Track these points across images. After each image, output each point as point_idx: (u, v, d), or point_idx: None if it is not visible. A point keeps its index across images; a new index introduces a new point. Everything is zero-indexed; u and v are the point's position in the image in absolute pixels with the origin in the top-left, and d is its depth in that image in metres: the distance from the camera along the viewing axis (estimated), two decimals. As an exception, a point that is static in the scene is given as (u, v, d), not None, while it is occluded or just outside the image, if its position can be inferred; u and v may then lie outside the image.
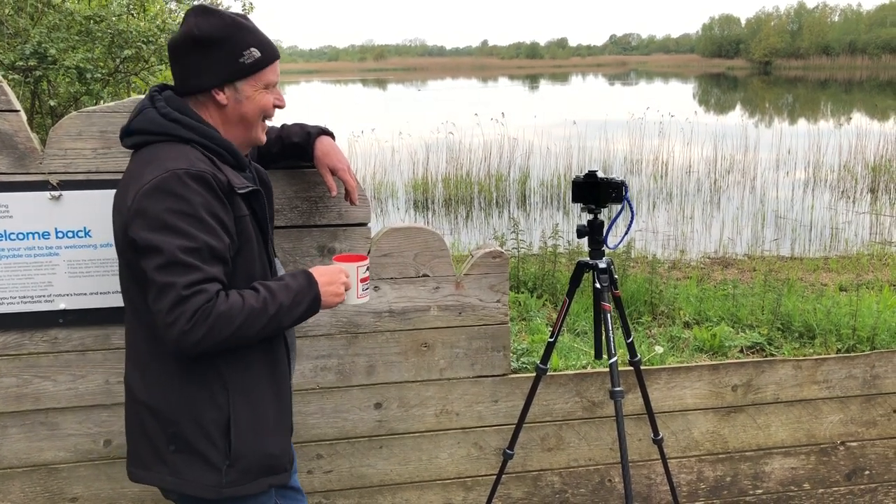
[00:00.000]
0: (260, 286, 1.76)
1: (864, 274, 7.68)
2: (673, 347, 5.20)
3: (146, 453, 1.87)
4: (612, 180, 2.50)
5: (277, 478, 1.95)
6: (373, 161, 14.07)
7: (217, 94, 1.83)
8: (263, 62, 1.86)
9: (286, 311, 1.76)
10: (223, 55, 1.81)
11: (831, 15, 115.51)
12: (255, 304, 1.71)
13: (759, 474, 3.01)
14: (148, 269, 1.67)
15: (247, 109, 1.87)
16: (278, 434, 1.95)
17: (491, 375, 2.74)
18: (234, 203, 1.79)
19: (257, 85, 1.86)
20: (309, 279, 1.83)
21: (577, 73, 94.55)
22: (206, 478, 1.83)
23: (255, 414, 1.88)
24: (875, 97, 36.03)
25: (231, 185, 1.78)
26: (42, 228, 2.32)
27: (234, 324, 1.68)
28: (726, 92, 47.82)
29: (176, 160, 1.72)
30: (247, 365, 1.86)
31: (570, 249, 7.33)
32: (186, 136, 1.79)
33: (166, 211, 1.67)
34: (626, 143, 15.38)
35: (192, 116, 1.82)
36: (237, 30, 1.83)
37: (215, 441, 1.82)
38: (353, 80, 79.24)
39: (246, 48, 1.83)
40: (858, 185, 13.08)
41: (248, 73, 1.84)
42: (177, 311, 1.63)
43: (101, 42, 8.05)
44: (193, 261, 1.66)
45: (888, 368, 2.98)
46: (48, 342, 2.41)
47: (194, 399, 1.81)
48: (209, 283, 1.67)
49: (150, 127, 1.80)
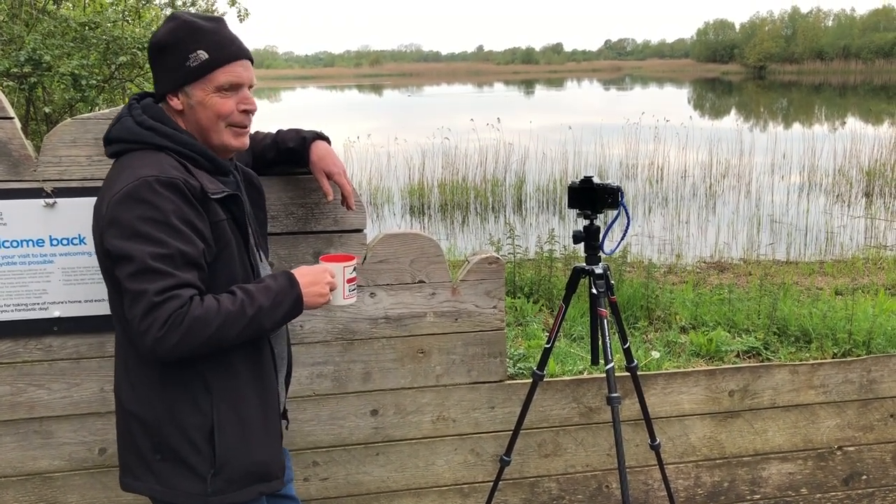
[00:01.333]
0: (238, 289, 1.74)
1: (860, 278, 7.70)
2: (669, 352, 5.20)
3: (135, 462, 1.87)
4: (607, 186, 2.50)
5: (268, 485, 1.92)
6: (369, 166, 14.07)
7: (171, 99, 1.83)
8: (212, 64, 1.79)
9: (266, 313, 1.74)
10: (172, 60, 1.80)
11: (825, 20, 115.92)
12: (232, 308, 1.69)
13: (756, 479, 3.00)
14: (121, 278, 1.67)
15: (200, 115, 1.82)
16: (266, 441, 1.92)
17: (487, 382, 2.73)
18: (209, 208, 1.77)
19: (207, 89, 1.80)
20: (290, 280, 1.80)
21: (573, 78, 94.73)
22: (192, 486, 1.82)
23: (240, 420, 1.85)
24: (869, 101, 36.16)
25: (204, 190, 1.76)
26: (36, 236, 2.31)
27: (210, 328, 1.66)
28: (721, 96, 47.95)
29: (147, 168, 1.71)
30: (231, 370, 1.84)
31: (566, 254, 7.34)
32: (160, 144, 1.78)
33: (137, 219, 1.66)
34: (622, 148, 15.42)
35: (167, 123, 1.81)
36: (187, 33, 1.79)
37: (200, 448, 1.81)
38: (349, 85, 79.30)
39: (193, 51, 1.78)
40: (853, 189, 13.12)
41: (195, 76, 1.79)
42: (149, 318, 1.62)
43: (96, 48, 8.05)
44: (165, 267, 1.64)
45: (884, 373, 2.98)
46: (42, 350, 2.40)
47: (177, 405, 1.80)
48: (182, 289, 1.65)
49: (126, 135, 1.80)
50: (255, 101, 1.91)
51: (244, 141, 1.91)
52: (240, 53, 1.83)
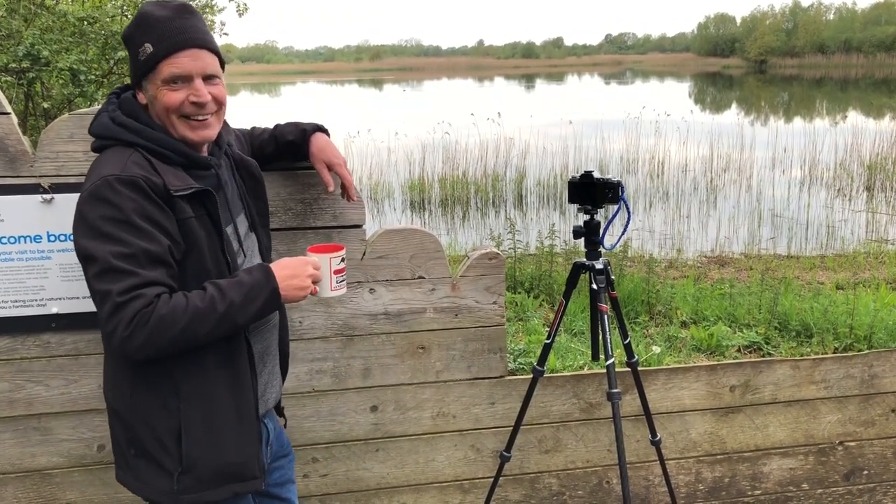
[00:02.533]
0: (209, 285, 1.71)
1: (861, 272, 7.68)
2: (670, 347, 5.18)
3: (118, 456, 1.90)
4: (608, 180, 2.49)
5: (244, 485, 1.88)
6: (369, 161, 14.05)
7: (138, 94, 1.82)
8: (156, 57, 1.73)
9: (238, 308, 1.69)
10: (130, 54, 1.79)
11: (826, 13, 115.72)
12: (201, 304, 1.65)
13: (757, 475, 2.99)
14: (87, 278, 1.66)
15: (157, 109, 1.79)
16: (240, 440, 1.87)
17: (488, 377, 2.72)
18: (175, 206, 1.73)
19: (157, 82, 1.75)
20: (266, 273, 1.75)
21: (573, 72, 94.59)
22: (162, 484, 1.82)
23: (209, 421, 1.82)
24: (870, 95, 36.10)
25: (167, 187, 1.71)
26: (34, 232, 2.29)
27: (178, 326, 1.63)
28: (722, 90, 47.88)
29: (111, 166, 1.70)
30: (201, 371, 1.80)
31: (566, 249, 7.32)
32: (130, 140, 1.76)
33: (99, 218, 1.65)
34: (623, 143, 15.39)
35: (140, 119, 1.79)
36: (139, 26, 1.75)
37: (168, 447, 1.80)
38: (349, 80, 79.20)
39: (141, 45, 1.74)
40: (854, 184, 13.10)
41: (144, 70, 1.76)
42: (115, 318, 1.61)
43: (94, 43, 8.02)
44: (128, 266, 1.62)
45: (886, 368, 2.97)
46: (40, 347, 2.39)
47: (145, 404, 1.80)
48: (147, 287, 1.63)
49: (101, 132, 1.80)
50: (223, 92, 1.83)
51: (203, 134, 1.82)
52: (186, 43, 1.74)
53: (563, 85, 60.12)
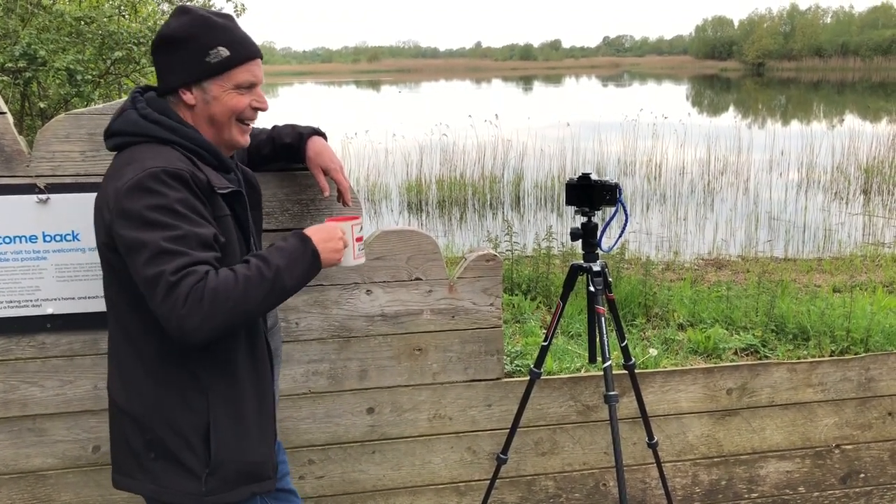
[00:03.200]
0: (250, 257, 1.72)
1: (858, 275, 7.69)
2: (667, 349, 5.18)
3: (128, 461, 1.85)
4: (605, 183, 2.49)
5: (260, 485, 1.91)
6: (366, 163, 14.04)
7: (184, 93, 1.82)
8: (233, 61, 1.80)
9: (285, 272, 1.70)
10: (188, 54, 1.79)
11: (823, 17, 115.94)
12: (249, 273, 1.66)
13: (754, 478, 2.99)
14: (137, 268, 1.64)
15: (215, 110, 1.82)
16: (261, 441, 1.91)
17: (484, 379, 2.71)
18: (215, 203, 1.77)
19: (226, 85, 1.81)
20: (301, 238, 1.78)
21: (571, 74, 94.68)
22: (187, 486, 1.80)
23: (236, 420, 1.84)
24: (867, 99, 36.18)
25: (211, 184, 1.76)
26: (29, 232, 2.28)
27: (232, 297, 1.62)
28: (719, 93, 47.96)
29: (154, 159, 1.70)
30: (229, 368, 1.83)
31: (563, 251, 7.33)
32: (166, 137, 1.77)
33: (146, 208, 1.64)
34: (620, 145, 15.39)
35: (172, 117, 1.80)
36: (206, 28, 1.79)
37: (195, 448, 1.80)
38: (347, 81, 79.20)
39: (213, 47, 1.79)
40: (851, 187, 13.12)
41: (214, 72, 1.80)
42: (170, 298, 1.59)
43: (91, 43, 8.01)
44: (179, 247, 1.62)
45: (882, 371, 2.97)
46: (35, 347, 2.38)
47: (168, 404, 1.79)
48: (198, 266, 1.63)
49: (130, 128, 1.79)
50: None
51: (248, 138, 1.93)
52: (257, 52, 1.87)
53: (561, 87, 60.18)
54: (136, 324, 1.78)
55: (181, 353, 1.77)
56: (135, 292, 1.71)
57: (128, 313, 1.79)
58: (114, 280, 1.79)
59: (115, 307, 1.82)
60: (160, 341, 1.75)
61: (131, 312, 1.78)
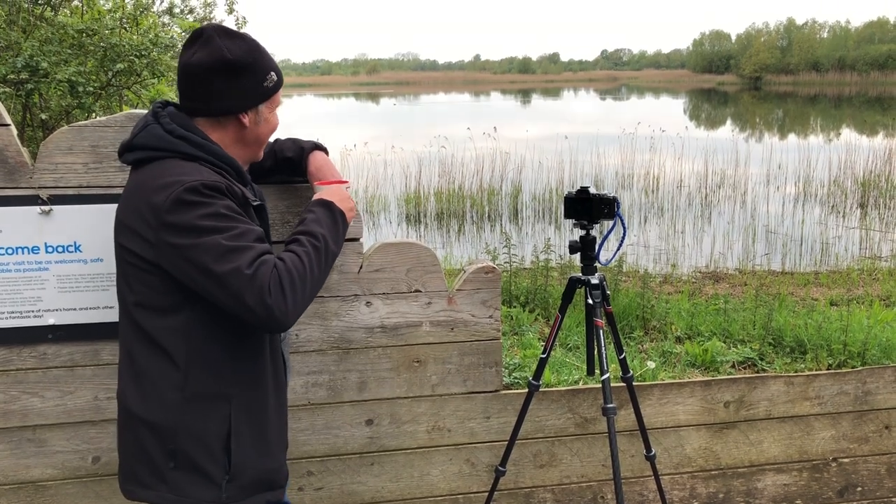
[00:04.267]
0: (297, 235, 1.83)
1: (855, 289, 7.71)
2: (665, 362, 5.19)
3: (144, 471, 1.84)
4: (604, 196, 2.51)
5: (274, 493, 1.94)
6: (365, 175, 14.08)
7: (243, 117, 1.87)
8: (279, 85, 1.92)
9: (330, 238, 1.85)
10: (251, 80, 1.85)
11: (820, 31, 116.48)
12: (308, 249, 1.77)
13: (751, 491, 3.00)
14: (204, 272, 1.67)
15: (262, 131, 1.93)
16: (278, 448, 1.95)
17: (483, 391, 2.72)
18: (248, 214, 1.82)
19: (272, 107, 1.92)
20: (325, 204, 1.94)
21: (569, 87, 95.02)
22: (206, 494, 1.81)
23: (257, 428, 1.87)
24: (864, 113, 36.32)
25: (245, 196, 1.81)
26: (32, 243, 2.30)
27: (306, 276, 1.72)
28: (717, 107, 48.13)
29: (190, 174, 1.73)
30: (255, 376, 1.86)
31: (561, 264, 7.34)
32: (192, 153, 1.79)
33: (197, 217, 1.68)
34: (618, 158, 15.45)
35: (197, 134, 1.83)
36: (260, 54, 1.87)
37: (215, 455, 1.81)
38: (346, 93, 79.40)
39: (268, 72, 1.87)
40: (848, 200, 13.17)
41: (268, 96, 1.89)
42: (253, 291, 1.64)
43: (93, 55, 8.05)
44: (242, 243, 1.68)
45: (879, 384, 2.98)
46: (36, 358, 2.39)
47: (193, 411, 1.80)
48: (265, 256, 1.70)
49: (155, 143, 1.80)
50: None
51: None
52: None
53: (560, 100, 60.37)
54: (165, 331, 1.79)
55: (207, 360, 1.80)
56: (169, 301, 1.75)
57: (156, 319, 1.79)
58: (140, 290, 1.79)
59: (138, 317, 1.81)
60: (188, 349, 1.78)
61: (161, 319, 1.78)
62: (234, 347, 1.83)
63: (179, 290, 1.75)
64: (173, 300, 1.76)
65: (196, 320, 1.77)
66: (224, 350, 1.81)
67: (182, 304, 1.76)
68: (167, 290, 1.75)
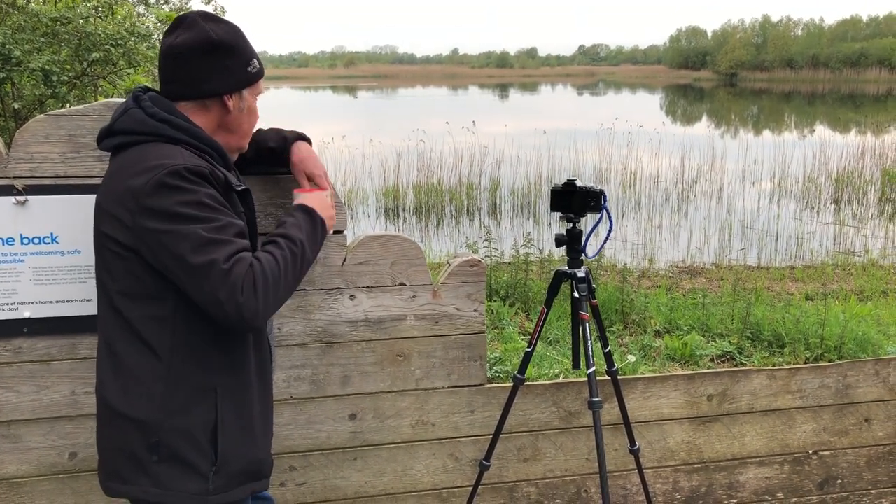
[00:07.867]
0: (275, 237, 1.79)
1: (830, 283, 7.80)
2: (645, 356, 5.21)
3: (125, 466, 1.80)
4: (590, 189, 2.50)
5: (259, 483, 1.92)
6: (343, 168, 14.00)
7: (227, 100, 1.84)
8: (261, 73, 1.92)
9: (308, 244, 1.83)
10: (236, 62, 1.84)
11: (795, 29, 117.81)
12: (284, 252, 1.75)
13: (733, 484, 3.01)
14: (178, 260, 1.64)
15: (246, 119, 1.92)
16: (264, 438, 1.93)
17: (467, 385, 2.71)
18: (231, 199, 1.79)
19: (255, 94, 1.92)
20: (306, 210, 1.91)
21: (547, 82, 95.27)
22: (192, 486, 1.78)
23: (243, 417, 1.85)
24: (837, 110, 36.80)
25: (228, 181, 1.77)
26: (6, 234, 2.24)
27: (280, 278, 1.70)
28: (693, 103, 48.52)
29: (172, 158, 1.70)
30: (240, 365, 1.84)
31: (541, 258, 7.35)
32: (175, 136, 1.76)
33: (178, 204, 1.65)
34: (596, 153, 15.50)
35: (180, 117, 1.79)
36: (244, 39, 1.88)
37: (201, 447, 1.78)
38: (324, 86, 78.94)
39: (251, 58, 1.87)
40: (822, 196, 13.33)
41: (251, 82, 1.89)
42: (226, 285, 1.62)
43: (67, 44, 7.90)
44: (222, 236, 1.66)
45: (860, 378, 3.01)
46: (11, 352, 2.33)
47: (178, 402, 1.77)
48: (243, 253, 1.67)
49: (137, 127, 1.76)
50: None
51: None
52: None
53: (537, 95, 60.48)
54: (150, 320, 1.75)
55: (193, 349, 1.77)
56: (153, 288, 1.72)
57: (141, 308, 1.75)
58: (123, 277, 1.75)
59: (121, 306, 1.77)
60: (173, 338, 1.75)
61: (146, 307, 1.75)
62: (221, 335, 1.79)
63: (163, 277, 1.72)
64: (157, 287, 1.73)
65: (182, 308, 1.74)
66: (210, 338, 1.78)
67: (166, 291, 1.73)
68: (151, 277, 1.72)
